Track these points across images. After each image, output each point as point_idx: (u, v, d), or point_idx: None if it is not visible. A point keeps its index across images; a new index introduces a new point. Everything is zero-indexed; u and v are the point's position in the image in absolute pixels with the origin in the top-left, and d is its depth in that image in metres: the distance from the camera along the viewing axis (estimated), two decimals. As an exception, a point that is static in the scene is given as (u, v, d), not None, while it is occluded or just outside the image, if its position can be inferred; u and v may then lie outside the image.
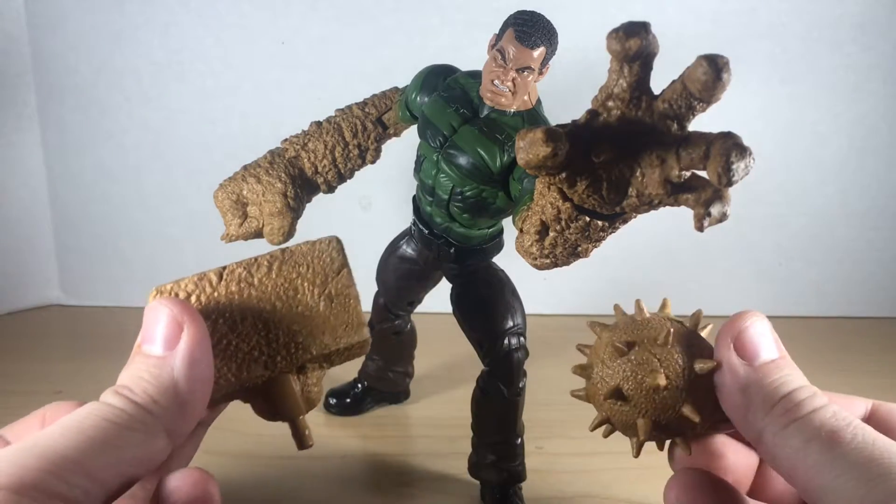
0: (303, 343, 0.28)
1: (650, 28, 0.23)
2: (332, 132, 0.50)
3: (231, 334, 0.28)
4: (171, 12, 0.73)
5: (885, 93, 0.78)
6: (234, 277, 0.29)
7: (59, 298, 0.84)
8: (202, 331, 0.26)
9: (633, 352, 0.28)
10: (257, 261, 0.29)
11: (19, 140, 0.77)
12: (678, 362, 0.27)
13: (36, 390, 0.63)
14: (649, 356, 0.28)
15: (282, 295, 0.29)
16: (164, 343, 0.26)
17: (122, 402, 0.24)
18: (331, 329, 0.29)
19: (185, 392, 0.25)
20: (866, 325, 0.85)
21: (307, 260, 0.30)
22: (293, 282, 0.29)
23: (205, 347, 0.26)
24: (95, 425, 0.23)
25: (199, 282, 0.28)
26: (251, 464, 0.54)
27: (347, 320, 0.29)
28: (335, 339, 0.29)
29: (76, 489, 0.21)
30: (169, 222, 0.80)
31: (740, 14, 0.74)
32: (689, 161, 0.24)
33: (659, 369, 0.27)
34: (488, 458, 0.51)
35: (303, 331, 0.29)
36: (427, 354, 0.66)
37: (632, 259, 0.81)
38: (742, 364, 0.26)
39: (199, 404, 0.26)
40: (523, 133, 0.25)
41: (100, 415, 0.23)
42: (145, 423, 0.24)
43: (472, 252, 0.50)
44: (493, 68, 0.43)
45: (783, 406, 0.25)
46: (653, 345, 0.28)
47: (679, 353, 0.28)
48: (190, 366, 0.25)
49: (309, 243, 0.30)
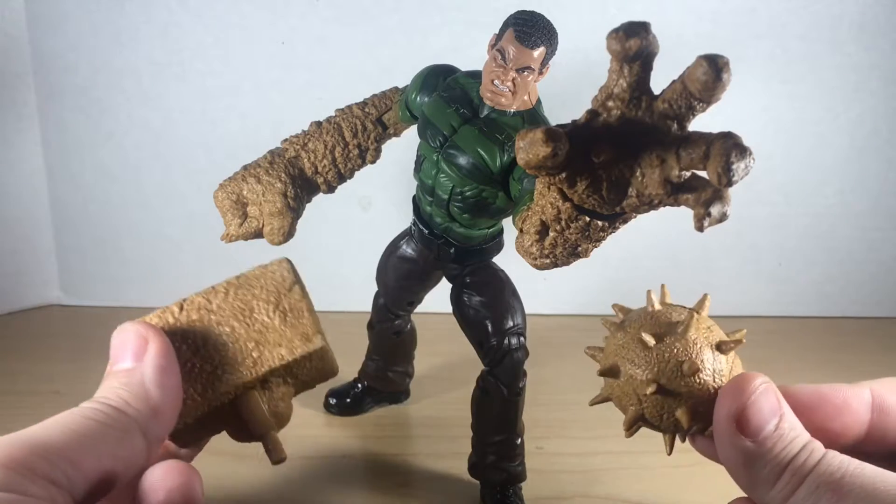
0: (261, 357, 0.30)
1: (650, 28, 0.23)
2: (332, 132, 0.50)
3: (194, 357, 0.30)
4: (171, 12, 0.73)
5: (885, 93, 0.78)
6: (195, 306, 0.31)
7: (59, 298, 0.84)
8: (165, 341, 0.28)
9: (662, 343, 0.28)
10: (215, 288, 0.31)
11: (19, 140, 0.77)
12: (705, 348, 0.28)
13: (36, 390, 0.63)
14: (680, 345, 0.28)
15: (238, 315, 0.31)
16: (133, 356, 0.28)
17: (101, 406, 0.26)
18: (287, 341, 0.31)
19: (156, 397, 0.27)
20: (866, 325, 0.85)
21: (260, 282, 0.31)
22: (248, 302, 0.31)
23: (171, 357, 0.28)
24: (77, 421, 0.25)
25: (161, 315, 0.30)
26: (251, 464, 0.54)
27: (302, 332, 0.31)
28: (291, 350, 0.30)
29: (59, 472, 0.22)
30: (169, 222, 0.80)
31: (740, 14, 0.74)
32: (689, 161, 0.24)
33: (693, 357, 0.27)
34: (488, 458, 0.51)
35: (260, 346, 0.30)
36: (427, 354, 0.66)
37: (632, 259, 0.81)
38: (745, 441, 0.26)
39: (170, 410, 0.28)
40: (523, 133, 0.25)
41: (80, 413, 0.25)
42: (122, 423, 0.26)
43: (472, 252, 0.50)
44: (493, 68, 0.43)
45: (787, 477, 0.25)
46: (679, 333, 0.28)
47: (702, 338, 0.28)
48: (158, 372, 0.27)
49: (261, 267, 0.32)
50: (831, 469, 0.24)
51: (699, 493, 0.51)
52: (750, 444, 0.26)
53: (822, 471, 0.24)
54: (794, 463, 0.25)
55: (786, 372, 0.72)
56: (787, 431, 0.26)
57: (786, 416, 0.26)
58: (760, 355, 0.74)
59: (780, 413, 0.26)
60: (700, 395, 0.28)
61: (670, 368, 0.28)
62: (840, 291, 0.86)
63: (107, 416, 0.25)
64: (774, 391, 0.27)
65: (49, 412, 0.25)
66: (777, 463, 0.25)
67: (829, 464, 0.24)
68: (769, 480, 0.25)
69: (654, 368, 0.28)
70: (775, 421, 0.26)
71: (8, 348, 0.72)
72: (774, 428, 0.26)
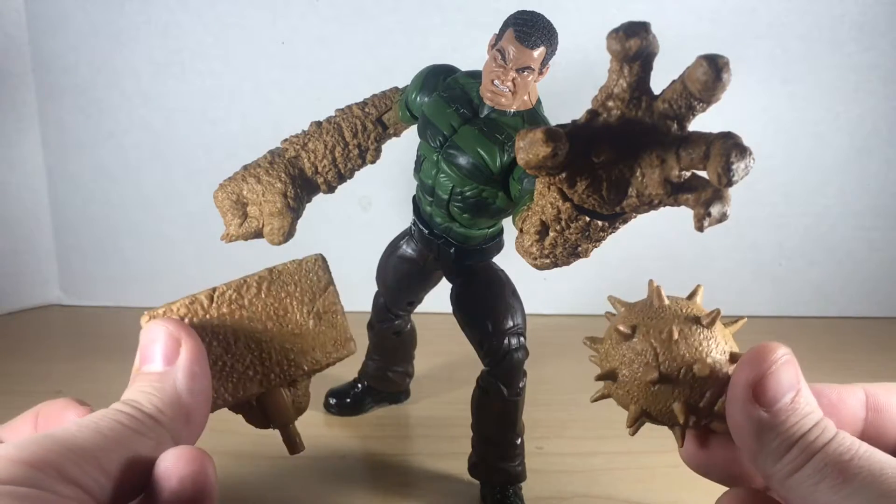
0: (295, 360, 0.30)
1: (650, 28, 0.23)
2: (332, 132, 0.50)
3: (226, 355, 0.29)
4: (171, 12, 0.73)
5: (885, 93, 0.78)
6: (225, 299, 0.29)
7: (59, 298, 0.84)
8: (199, 345, 0.27)
9: (660, 337, 0.28)
10: (246, 282, 0.30)
11: (19, 140, 0.77)
12: (715, 347, 0.28)
13: (36, 390, 0.63)
14: (692, 342, 0.28)
15: (272, 315, 0.30)
16: (164, 359, 0.27)
17: (133, 411, 0.25)
18: (320, 345, 0.30)
19: (189, 404, 0.26)
20: (866, 325, 0.85)
21: (294, 279, 0.31)
22: (282, 301, 0.30)
23: (203, 361, 0.27)
24: (110, 426, 0.24)
25: (190, 305, 0.29)
26: (251, 464, 0.54)
27: (335, 336, 0.31)
28: (325, 354, 0.30)
29: (88, 477, 0.22)
30: (169, 222, 0.80)
31: (740, 14, 0.74)
32: (689, 161, 0.24)
33: (704, 356, 0.27)
34: (488, 458, 0.51)
35: (294, 348, 0.30)
36: (427, 354, 0.66)
37: (632, 259, 0.81)
38: (759, 410, 0.26)
39: (202, 416, 0.27)
40: (523, 133, 0.25)
41: (114, 418, 0.24)
42: (155, 431, 0.25)
43: (473, 252, 0.50)
44: (493, 68, 0.43)
45: (795, 452, 0.25)
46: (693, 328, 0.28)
47: (713, 336, 0.28)
48: (191, 378, 0.26)
49: (295, 262, 0.31)
50: (841, 450, 0.24)
51: (699, 493, 0.51)
52: (764, 414, 0.25)
53: (831, 450, 0.24)
54: (804, 439, 0.25)
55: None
56: (801, 406, 0.26)
57: (802, 391, 0.26)
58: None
59: (798, 388, 0.26)
60: (701, 383, 0.27)
61: (671, 360, 0.27)
62: (840, 291, 0.86)
63: (140, 422, 0.25)
64: (795, 365, 0.26)
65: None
66: (788, 437, 0.25)
67: (840, 444, 0.24)
68: (777, 453, 0.25)
69: (654, 362, 0.28)
70: (792, 394, 0.26)
71: (8, 348, 0.73)
72: (790, 401, 0.25)
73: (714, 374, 0.27)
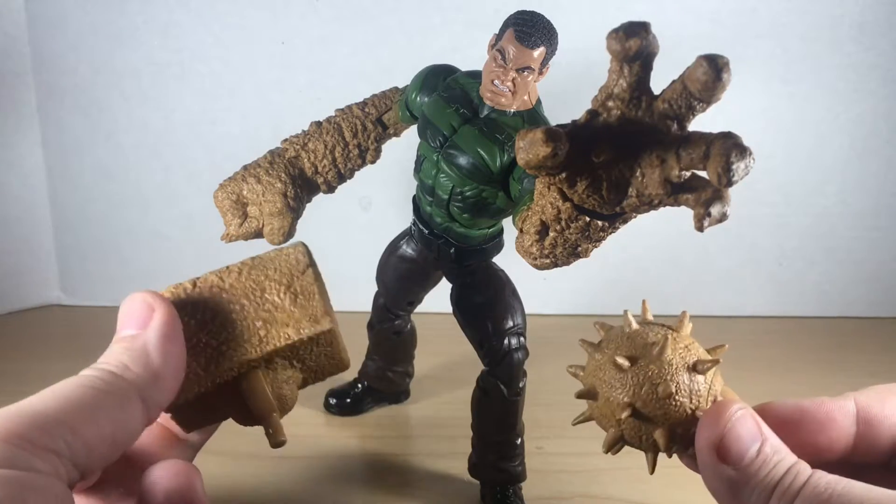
0: (267, 336, 0.30)
1: (650, 28, 0.23)
2: (332, 132, 0.50)
3: (200, 332, 0.30)
4: (171, 12, 0.73)
5: (885, 93, 0.78)
6: (208, 284, 0.31)
7: (59, 298, 0.84)
8: (171, 311, 0.28)
9: (636, 366, 0.28)
10: (229, 268, 0.31)
11: (19, 140, 0.77)
12: (681, 369, 0.27)
13: (36, 390, 0.63)
14: (655, 367, 0.27)
15: (249, 295, 0.30)
16: (137, 323, 0.28)
17: (98, 372, 0.26)
18: (294, 322, 0.30)
19: (158, 364, 0.27)
20: (866, 325, 0.85)
21: (275, 263, 0.31)
22: (261, 283, 0.31)
23: (175, 326, 0.28)
24: (72, 390, 0.24)
25: (174, 290, 0.30)
26: (251, 464, 0.54)
27: (311, 313, 0.31)
28: (298, 330, 0.30)
29: (59, 442, 0.22)
30: (169, 222, 0.80)
31: (740, 14, 0.74)
32: (689, 161, 0.24)
33: (667, 379, 0.27)
34: (488, 458, 0.51)
35: (267, 325, 0.30)
36: (427, 354, 0.66)
37: (632, 259, 0.81)
38: (728, 468, 0.26)
39: (172, 380, 0.27)
40: (523, 133, 0.25)
41: (76, 382, 0.25)
42: (120, 387, 0.25)
43: (472, 252, 0.50)
44: (493, 68, 0.43)
45: (774, 501, 0.25)
46: (654, 355, 0.28)
47: (678, 359, 0.28)
48: (161, 339, 0.27)
49: (277, 249, 0.32)
50: (818, 490, 0.24)
51: (699, 493, 0.51)
52: (733, 472, 0.26)
53: (808, 492, 0.24)
54: (780, 486, 0.25)
55: (785, 372, 0.72)
56: (770, 455, 0.26)
57: (768, 439, 0.26)
58: (760, 355, 0.74)
59: (762, 438, 0.26)
60: (677, 417, 0.27)
61: (645, 391, 0.27)
62: (840, 291, 0.86)
63: (104, 381, 0.25)
64: (752, 416, 0.27)
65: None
66: (763, 488, 0.25)
67: (817, 485, 0.24)
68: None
69: (629, 392, 0.28)
70: (757, 446, 0.26)
71: (8, 348, 0.73)
72: (756, 453, 0.26)
73: (683, 394, 0.27)
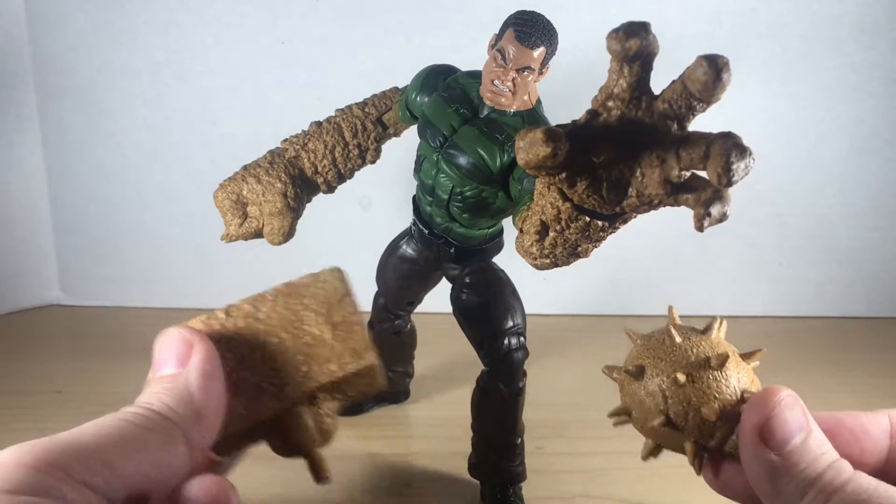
0: (309, 372, 0.29)
1: (650, 28, 0.23)
2: (332, 132, 0.50)
3: (240, 368, 0.28)
4: (171, 12, 0.73)
5: (885, 93, 0.78)
6: (242, 313, 0.29)
7: (59, 298, 0.84)
8: (211, 347, 0.27)
9: (694, 380, 0.28)
10: (263, 295, 0.30)
11: (19, 140, 0.77)
12: (726, 389, 0.28)
13: (36, 390, 0.63)
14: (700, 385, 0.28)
15: (287, 326, 0.29)
16: (177, 361, 0.27)
17: (142, 410, 0.25)
18: (337, 356, 0.29)
19: (200, 401, 0.26)
20: (866, 325, 0.85)
21: (311, 291, 0.30)
22: (298, 313, 0.29)
23: (215, 362, 0.27)
24: (115, 425, 0.23)
25: (206, 320, 0.29)
26: (252, 464, 0.54)
27: (353, 346, 0.29)
28: (341, 365, 0.29)
29: (97, 477, 0.21)
30: (169, 222, 0.80)
31: (740, 14, 0.74)
32: (689, 161, 0.24)
33: (711, 400, 0.27)
34: (488, 458, 0.51)
35: (309, 360, 0.29)
36: (427, 354, 0.66)
37: (632, 259, 0.81)
38: (770, 453, 0.25)
39: (214, 417, 0.27)
40: (523, 133, 0.25)
41: (120, 417, 0.24)
42: (164, 427, 0.24)
43: (472, 252, 0.50)
44: (493, 68, 0.43)
45: (812, 495, 0.24)
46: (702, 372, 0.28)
47: (724, 377, 0.28)
48: (202, 377, 0.26)
49: (311, 275, 0.31)
50: (859, 490, 0.24)
51: (699, 494, 0.51)
52: (775, 458, 0.25)
53: (849, 490, 0.24)
54: (820, 480, 0.24)
55: (786, 372, 0.72)
56: (814, 447, 0.25)
57: (813, 432, 0.26)
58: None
59: (808, 429, 0.26)
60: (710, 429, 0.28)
61: (682, 406, 0.28)
62: (840, 291, 0.86)
63: (148, 420, 0.24)
64: (800, 405, 0.26)
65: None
66: (803, 479, 0.25)
67: (858, 484, 0.24)
68: (794, 496, 0.24)
69: (663, 406, 0.28)
70: (802, 435, 0.25)
71: (8, 348, 0.72)
72: (801, 443, 0.25)
73: (723, 416, 0.27)
